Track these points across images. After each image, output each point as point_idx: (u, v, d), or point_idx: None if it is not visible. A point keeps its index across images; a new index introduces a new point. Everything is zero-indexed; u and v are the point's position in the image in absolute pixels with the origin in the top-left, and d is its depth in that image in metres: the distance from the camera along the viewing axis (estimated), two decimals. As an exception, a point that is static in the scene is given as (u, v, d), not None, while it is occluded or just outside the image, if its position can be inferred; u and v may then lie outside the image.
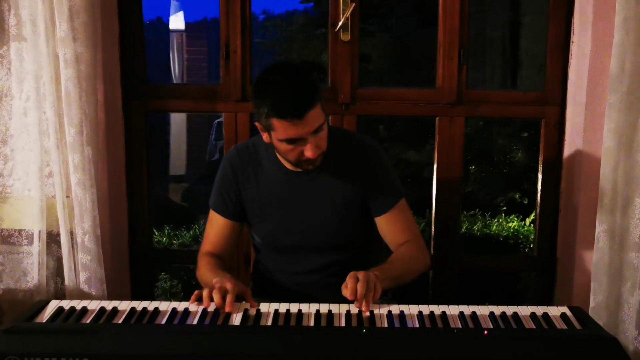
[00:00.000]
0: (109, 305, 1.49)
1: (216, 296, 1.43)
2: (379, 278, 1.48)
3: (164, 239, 3.98)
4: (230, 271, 1.71)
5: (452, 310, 1.47)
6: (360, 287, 1.42)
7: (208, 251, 1.73)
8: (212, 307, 1.45)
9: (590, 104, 2.00)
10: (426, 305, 1.49)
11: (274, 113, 1.47)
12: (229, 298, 1.44)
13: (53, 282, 1.98)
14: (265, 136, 1.57)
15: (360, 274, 1.45)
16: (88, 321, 1.43)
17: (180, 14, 6.25)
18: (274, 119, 1.48)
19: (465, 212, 4.12)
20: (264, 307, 1.48)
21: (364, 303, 1.42)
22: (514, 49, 4.50)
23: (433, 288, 2.30)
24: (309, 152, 1.51)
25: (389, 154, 3.39)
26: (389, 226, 1.70)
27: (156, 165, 4.96)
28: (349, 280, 1.44)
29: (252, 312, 1.45)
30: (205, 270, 1.66)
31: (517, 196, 4.37)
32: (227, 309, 1.42)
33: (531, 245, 3.71)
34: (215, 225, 1.74)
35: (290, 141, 1.50)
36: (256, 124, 1.58)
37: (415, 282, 1.65)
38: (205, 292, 1.46)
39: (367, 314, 1.43)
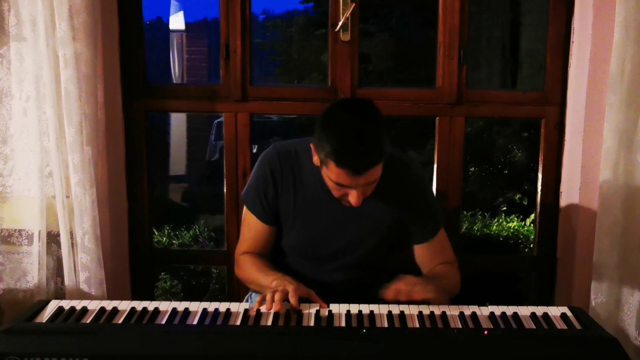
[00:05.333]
0: (109, 305, 1.49)
1: (277, 297, 1.42)
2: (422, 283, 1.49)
3: (164, 239, 3.98)
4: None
5: (452, 310, 1.47)
6: (403, 288, 1.45)
7: (247, 252, 1.70)
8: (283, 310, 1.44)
9: (590, 104, 2.00)
10: (426, 305, 1.49)
11: (334, 157, 1.40)
12: (293, 301, 1.43)
13: (53, 282, 1.98)
14: (316, 159, 1.51)
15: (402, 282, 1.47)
16: (88, 321, 1.43)
17: (180, 14, 6.25)
18: (331, 161, 1.41)
19: (465, 212, 4.12)
20: (264, 307, 1.47)
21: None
22: (514, 49, 4.50)
23: (433, 288, 2.30)
24: (352, 199, 1.46)
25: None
26: (427, 253, 1.69)
27: (156, 165, 4.96)
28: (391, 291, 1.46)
29: (253, 312, 1.45)
30: (253, 271, 1.64)
31: (517, 196, 4.37)
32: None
33: (531, 245, 3.71)
34: (253, 229, 1.70)
35: (339, 184, 1.46)
36: (311, 145, 1.51)
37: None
38: (268, 296, 1.44)
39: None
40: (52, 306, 1.49)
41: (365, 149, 1.39)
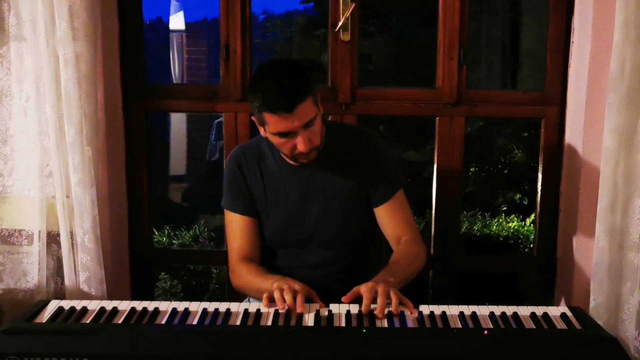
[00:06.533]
0: (109, 305, 1.49)
1: (287, 296, 1.43)
2: (391, 284, 1.48)
3: (164, 239, 3.98)
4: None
5: (452, 310, 1.47)
6: (365, 300, 1.42)
7: (240, 258, 1.72)
8: (283, 309, 1.44)
9: (590, 104, 2.00)
10: (426, 305, 1.49)
11: (265, 107, 1.51)
12: (299, 298, 1.44)
13: (53, 282, 1.98)
14: (261, 130, 1.61)
15: (365, 288, 1.44)
16: (88, 321, 1.43)
17: (180, 14, 6.25)
18: (265, 113, 1.52)
19: (465, 212, 4.12)
20: (264, 307, 1.47)
21: (378, 310, 1.41)
22: (514, 49, 4.51)
23: (433, 288, 2.30)
24: (300, 146, 1.54)
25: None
26: (388, 218, 1.71)
27: (156, 165, 4.96)
28: (351, 296, 1.45)
29: (252, 311, 1.45)
30: (251, 278, 1.65)
31: (517, 196, 4.37)
32: (298, 310, 1.42)
33: (531, 245, 3.71)
34: (238, 228, 1.73)
35: (282, 135, 1.54)
36: (252, 118, 1.62)
37: (415, 282, 1.65)
38: (277, 294, 1.45)
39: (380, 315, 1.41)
40: (52, 306, 1.49)
41: (288, 86, 1.49)
